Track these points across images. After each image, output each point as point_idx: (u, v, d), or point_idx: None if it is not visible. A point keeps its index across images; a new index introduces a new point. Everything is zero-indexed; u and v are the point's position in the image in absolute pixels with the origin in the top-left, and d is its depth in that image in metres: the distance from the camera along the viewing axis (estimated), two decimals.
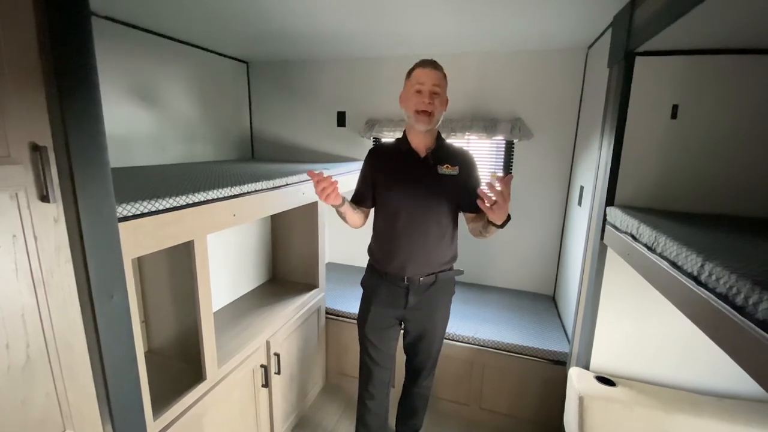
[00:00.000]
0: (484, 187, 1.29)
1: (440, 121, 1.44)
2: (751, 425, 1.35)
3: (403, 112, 1.44)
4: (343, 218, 1.49)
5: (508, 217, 1.26)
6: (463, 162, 1.48)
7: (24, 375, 0.76)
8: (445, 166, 1.44)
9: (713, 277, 0.74)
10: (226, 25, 1.96)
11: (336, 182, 1.27)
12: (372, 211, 1.59)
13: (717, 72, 1.35)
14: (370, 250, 1.60)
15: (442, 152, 1.47)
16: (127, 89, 1.98)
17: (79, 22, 0.79)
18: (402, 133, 1.52)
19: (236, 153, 2.88)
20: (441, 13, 1.70)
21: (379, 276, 1.54)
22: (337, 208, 1.41)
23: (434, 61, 1.38)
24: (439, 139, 1.49)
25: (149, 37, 2.06)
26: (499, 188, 1.16)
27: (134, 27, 1.96)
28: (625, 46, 1.38)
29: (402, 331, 1.66)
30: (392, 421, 1.88)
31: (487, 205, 1.19)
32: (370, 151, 1.58)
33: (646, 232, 1.08)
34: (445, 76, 1.40)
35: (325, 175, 1.25)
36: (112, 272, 0.90)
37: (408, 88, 1.40)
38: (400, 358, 1.76)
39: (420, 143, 1.46)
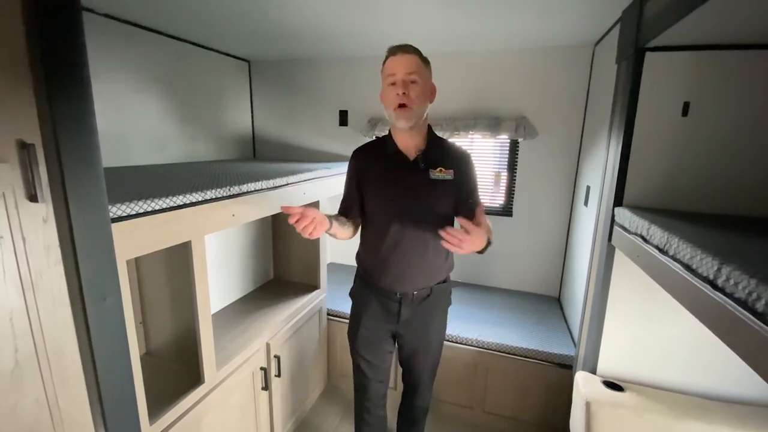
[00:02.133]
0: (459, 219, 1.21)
1: (425, 115, 1.27)
2: None
3: (385, 111, 1.29)
4: (334, 237, 1.36)
5: (489, 243, 1.23)
6: (459, 163, 1.33)
7: (12, 380, 0.73)
8: (438, 169, 1.28)
9: (731, 282, 0.70)
10: (228, 23, 1.94)
11: (315, 217, 1.12)
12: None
13: (730, 68, 1.30)
14: (359, 260, 1.47)
15: (434, 153, 1.31)
16: (126, 87, 1.96)
17: (69, 16, 0.75)
18: (388, 131, 1.36)
19: (237, 152, 2.85)
20: (444, 11, 1.66)
21: (369, 288, 1.42)
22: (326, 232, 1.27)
23: (406, 45, 1.20)
24: (429, 137, 1.33)
25: (149, 35, 2.04)
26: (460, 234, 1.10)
27: (134, 25, 1.94)
28: (635, 41, 1.34)
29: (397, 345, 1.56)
30: (393, 422, 1.84)
31: (454, 248, 1.12)
32: (354, 153, 1.42)
33: (657, 234, 1.05)
34: (424, 60, 1.23)
35: (302, 210, 1.09)
36: (105, 274, 0.87)
37: (383, 81, 1.24)
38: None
39: (408, 143, 1.30)
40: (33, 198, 0.72)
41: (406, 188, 1.30)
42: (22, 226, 0.71)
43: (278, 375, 1.77)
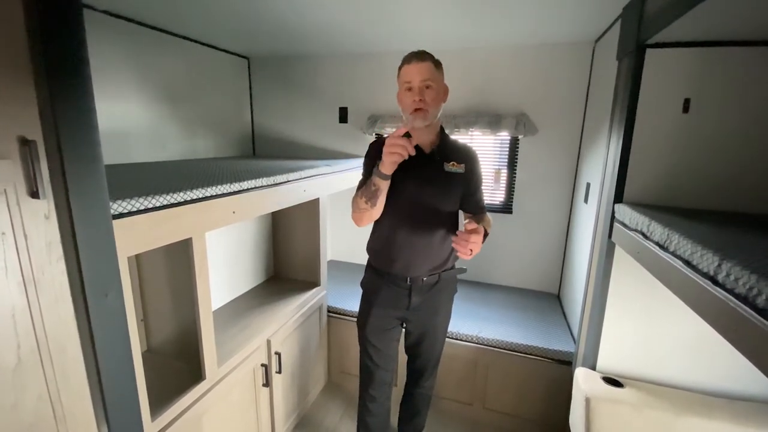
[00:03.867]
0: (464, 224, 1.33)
1: (439, 114, 1.37)
2: (764, 428, 1.32)
3: (402, 113, 1.38)
4: (372, 201, 1.29)
5: (486, 234, 1.34)
6: (468, 159, 1.43)
7: (15, 377, 0.74)
8: (451, 163, 1.39)
9: (731, 277, 0.71)
10: (227, 20, 1.93)
11: (407, 150, 1.15)
12: None
13: (731, 64, 1.30)
14: (370, 249, 1.54)
15: (447, 149, 1.42)
16: (126, 85, 1.96)
17: (70, 13, 0.75)
18: None
19: (237, 150, 2.85)
20: (444, 8, 1.66)
21: (380, 276, 1.49)
22: (380, 181, 1.25)
23: (420, 53, 1.28)
24: (442, 134, 1.44)
25: (149, 31, 2.03)
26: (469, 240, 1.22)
27: (134, 21, 1.93)
28: (636, 38, 1.33)
29: (403, 332, 1.63)
30: (394, 420, 1.85)
31: (466, 255, 1.25)
32: (372, 144, 1.47)
33: (658, 230, 1.05)
34: (437, 64, 1.31)
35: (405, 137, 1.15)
36: (106, 270, 0.87)
37: (399, 86, 1.34)
38: (402, 357, 1.73)
39: (424, 139, 1.40)
40: (34, 194, 0.72)
41: (422, 178, 1.38)
42: (23, 223, 0.71)
43: (279, 372, 1.77)
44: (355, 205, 1.37)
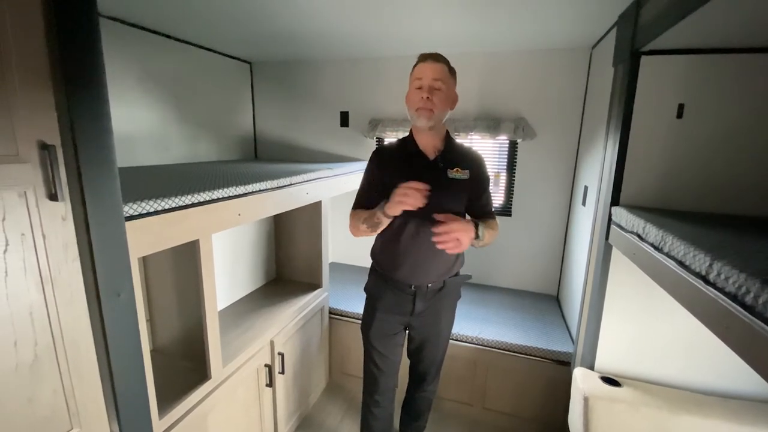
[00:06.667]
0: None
1: (445, 119, 1.37)
2: (758, 426, 1.35)
3: (407, 111, 1.37)
4: (373, 230, 1.36)
5: (477, 236, 1.29)
6: (473, 164, 1.42)
7: (32, 373, 0.76)
8: (455, 169, 1.37)
9: (722, 277, 0.74)
10: (230, 25, 1.97)
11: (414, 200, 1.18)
12: None
13: (723, 71, 1.34)
14: (375, 255, 1.54)
15: (451, 154, 1.40)
16: (130, 89, 1.99)
17: (88, 23, 0.78)
18: (408, 133, 1.44)
19: (239, 153, 2.88)
20: (444, 13, 1.70)
21: (384, 282, 1.48)
22: (384, 219, 1.30)
23: (435, 54, 1.29)
24: (447, 139, 1.42)
25: (153, 37, 2.07)
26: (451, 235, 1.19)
27: (138, 27, 1.97)
28: (631, 45, 1.37)
29: (406, 336, 1.63)
30: (395, 420, 1.87)
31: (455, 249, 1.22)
32: (374, 152, 1.48)
33: (653, 232, 1.08)
34: (450, 69, 1.32)
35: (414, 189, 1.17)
36: (119, 270, 0.90)
37: (410, 85, 1.34)
38: (405, 359, 1.75)
39: (428, 144, 1.39)
40: (53, 197, 0.75)
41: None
42: (42, 224, 0.74)
43: (282, 372, 1.80)
44: (354, 222, 1.40)
